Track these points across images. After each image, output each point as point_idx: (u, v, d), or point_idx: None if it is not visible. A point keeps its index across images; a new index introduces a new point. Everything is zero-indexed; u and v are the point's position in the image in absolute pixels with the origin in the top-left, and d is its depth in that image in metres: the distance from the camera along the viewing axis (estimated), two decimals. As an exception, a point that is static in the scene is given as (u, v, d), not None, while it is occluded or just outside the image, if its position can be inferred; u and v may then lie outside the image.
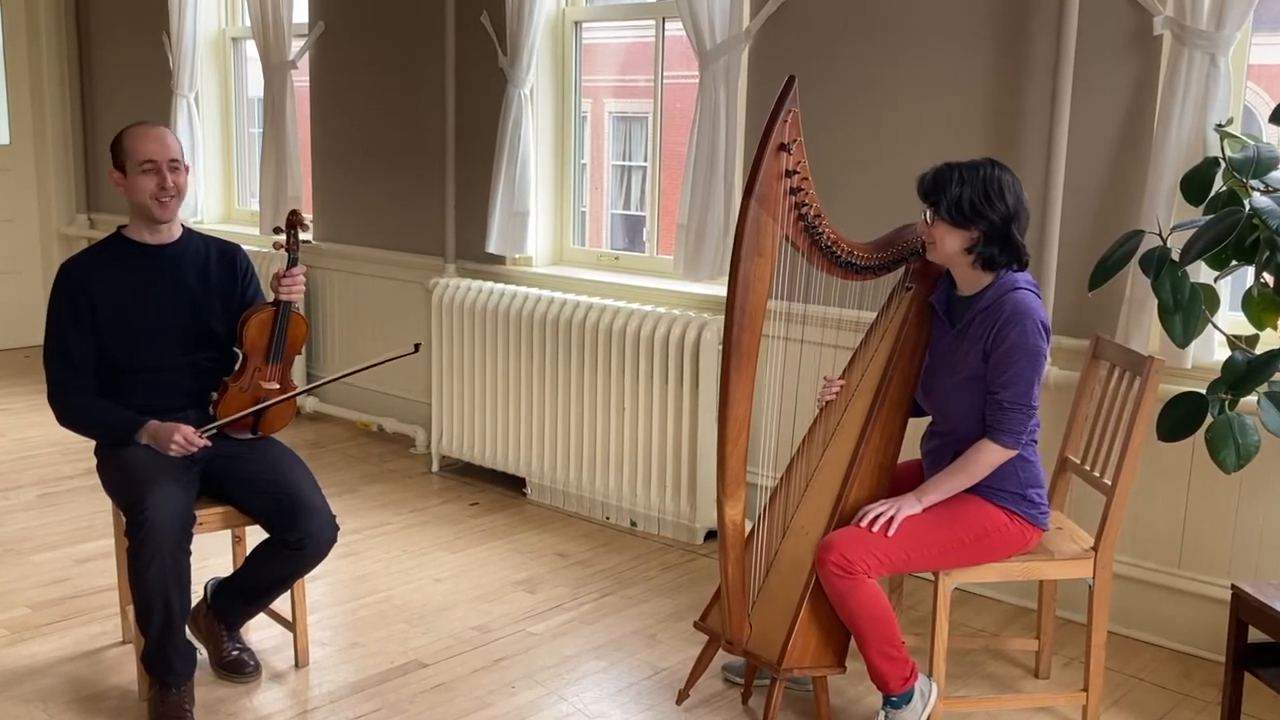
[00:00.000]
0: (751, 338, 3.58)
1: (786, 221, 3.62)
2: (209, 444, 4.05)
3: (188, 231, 4.31)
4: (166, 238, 4.24)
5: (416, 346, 4.24)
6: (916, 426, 4.06)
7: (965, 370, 3.76)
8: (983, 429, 3.76)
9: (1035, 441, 3.84)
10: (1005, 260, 3.73)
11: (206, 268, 4.28)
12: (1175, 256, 3.88)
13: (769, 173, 3.54)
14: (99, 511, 5.67)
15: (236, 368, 4.22)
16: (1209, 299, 4.02)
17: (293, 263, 4.27)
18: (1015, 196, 3.72)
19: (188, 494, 3.95)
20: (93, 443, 4.24)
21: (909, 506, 3.74)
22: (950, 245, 3.73)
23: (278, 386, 4.21)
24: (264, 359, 4.20)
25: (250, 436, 4.24)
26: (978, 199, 3.67)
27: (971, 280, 3.80)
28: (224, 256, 4.35)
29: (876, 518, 3.73)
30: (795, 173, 3.58)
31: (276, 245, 4.32)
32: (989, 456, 3.72)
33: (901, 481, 3.98)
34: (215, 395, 4.18)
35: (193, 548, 3.88)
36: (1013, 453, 3.73)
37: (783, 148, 3.55)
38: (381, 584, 5.17)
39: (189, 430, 4.00)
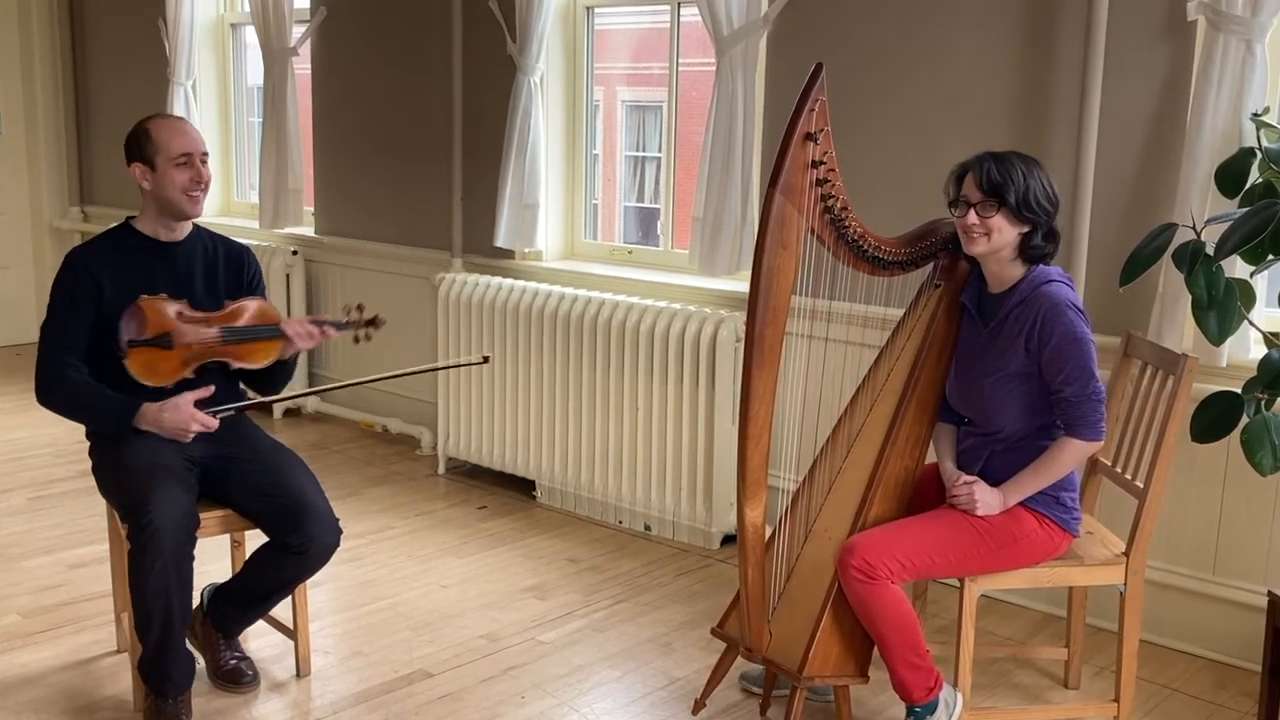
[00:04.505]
0: (775, 332, 3.59)
1: (812, 214, 3.62)
2: (217, 423, 4.05)
3: (196, 229, 4.31)
4: (178, 235, 4.24)
5: (486, 358, 4.12)
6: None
7: (1006, 368, 3.77)
8: (1029, 426, 3.80)
9: None
10: (1051, 250, 3.77)
11: (214, 268, 4.28)
12: (1210, 251, 3.87)
13: (794, 163, 3.54)
14: (93, 515, 5.68)
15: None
16: (1245, 295, 4.02)
17: (340, 328, 4.25)
18: (1057, 191, 3.76)
19: (190, 496, 3.96)
20: (87, 443, 4.26)
21: (988, 501, 3.77)
22: (1007, 237, 3.74)
23: (216, 332, 4.11)
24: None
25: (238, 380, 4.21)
26: (1041, 195, 3.71)
27: (1005, 276, 3.81)
28: (232, 258, 4.34)
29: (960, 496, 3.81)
30: (822, 163, 3.59)
31: (353, 319, 4.27)
32: (1072, 454, 3.74)
33: (924, 485, 4.00)
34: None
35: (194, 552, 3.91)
36: (1099, 444, 3.75)
37: (809, 137, 3.55)
38: (386, 590, 5.19)
39: (202, 415, 3.97)
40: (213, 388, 4.02)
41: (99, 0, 9.46)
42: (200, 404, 4.00)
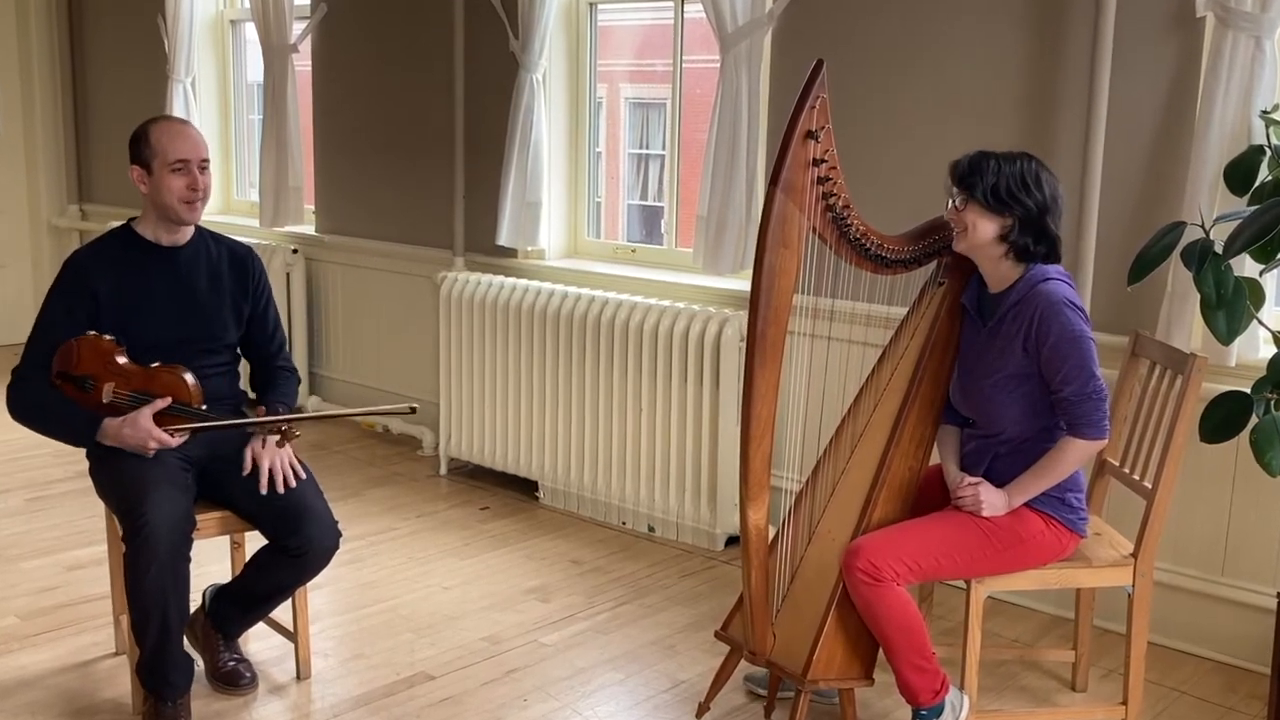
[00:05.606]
0: (777, 332, 3.59)
1: (814, 213, 3.62)
2: (183, 440, 3.99)
3: (200, 232, 4.30)
4: (180, 239, 4.23)
5: (412, 409, 4.12)
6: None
7: (1005, 369, 3.77)
8: (1032, 427, 3.80)
9: None
10: (1042, 251, 3.75)
11: (218, 273, 4.28)
12: (1218, 249, 3.88)
13: (795, 161, 3.54)
14: (91, 516, 5.68)
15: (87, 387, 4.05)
16: (1254, 294, 4.02)
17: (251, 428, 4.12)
18: (1051, 190, 3.75)
19: (187, 497, 3.98)
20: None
21: (993, 501, 3.78)
22: (983, 232, 3.74)
23: (126, 394, 4.01)
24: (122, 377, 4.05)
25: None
26: (1015, 185, 3.69)
27: (1001, 275, 3.82)
28: (237, 262, 4.34)
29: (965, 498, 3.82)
30: (823, 161, 3.59)
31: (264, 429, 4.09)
32: (1075, 454, 3.74)
33: (928, 487, 4.00)
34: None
35: (191, 554, 3.91)
36: (1102, 443, 3.75)
37: (810, 135, 3.55)
38: (387, 592, 5.19)
39: (159, 433, 3.90)
40: (169, 399, 3.97)
41: (98, -4, 9.50)
42: (164, 415, 3.97)
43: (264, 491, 4.04)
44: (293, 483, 4.09)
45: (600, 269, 6.40)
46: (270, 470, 4.06)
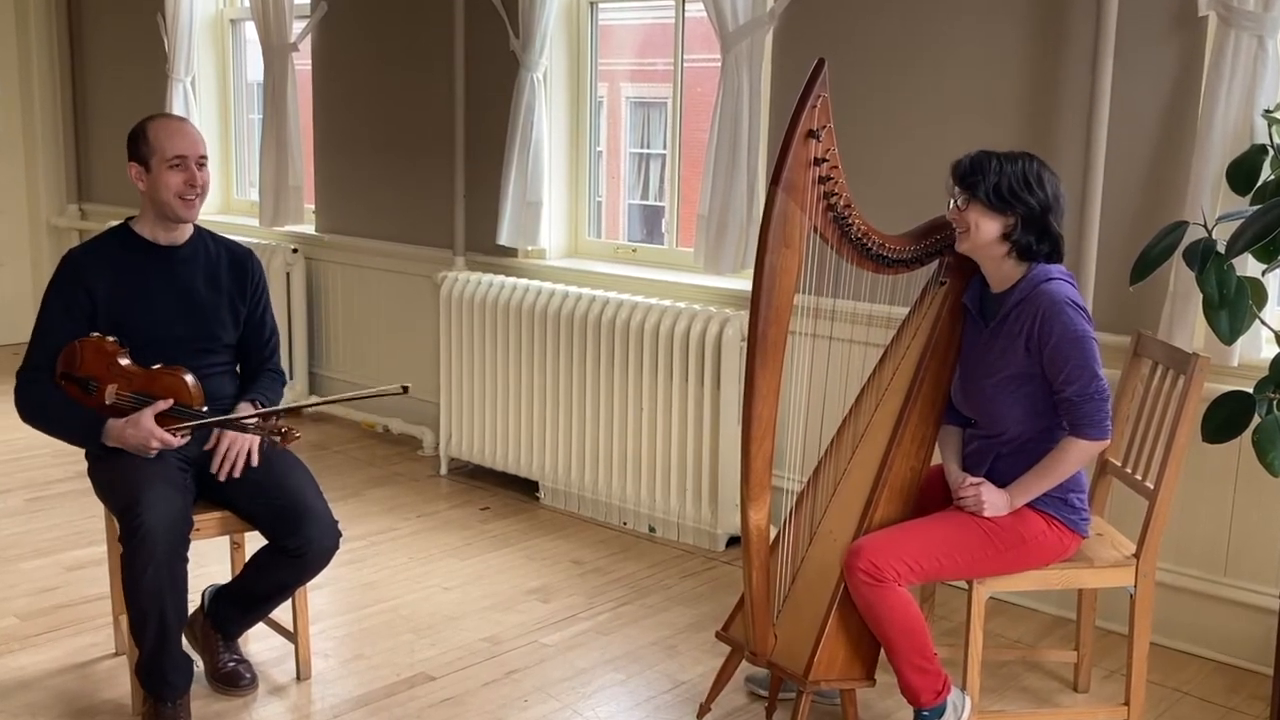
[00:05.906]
0: (778, 332, 3.59)
1: (815, 212, 3.62)
2: (185, 440, 4.01)
3: (198, 231, 4.30)
4: (178, 238, 4.23)
5: (405, 388, 4.12)
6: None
7: (1007, 369, 3.78)
8: (1034, 428, 3.80)
9: None
10: (1045, 250, 3.75)
11: (217, 274, 4.27)
12: (1221, 249, 3.88)
13: (796, 160, 3.54)
14: (90, 516, 5.68)
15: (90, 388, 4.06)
16: (1256, 293, 4.01)
17: (247, 430, 4.08)
18: (1053, 189, 3.75)
19: (184, 498, 3.97)
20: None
21: (995, 502, 3.78)
22: (986, 232, 3.74)
23: (129, 395, 4.03)
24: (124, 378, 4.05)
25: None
26: (1017, 185, 3.70)
27: (1004, 275, 3.82)
28: (236, 263, 4.34)
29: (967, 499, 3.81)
30: (824, 160, 3.59)
31: (263, 428, 4.02)
32: (1077, 454, 3.74)
33: (930, 487, 4.00)
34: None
35: (189, 554, 3.90)
36: (1104, 444, 3.75)
37: (811, 134, 3.56)
38: (387, 593, 5.20)
39: (161, 433, 3.91)
40: (171, 400, 3.97)
41: (97, -5, 9.50)
42: (167, 416, 3.97)
43: (214, 470, 4.06)
44: (238, 470, 4.08)
45: (601, 269, 6.40)
46: (225, 454, 4.08)
